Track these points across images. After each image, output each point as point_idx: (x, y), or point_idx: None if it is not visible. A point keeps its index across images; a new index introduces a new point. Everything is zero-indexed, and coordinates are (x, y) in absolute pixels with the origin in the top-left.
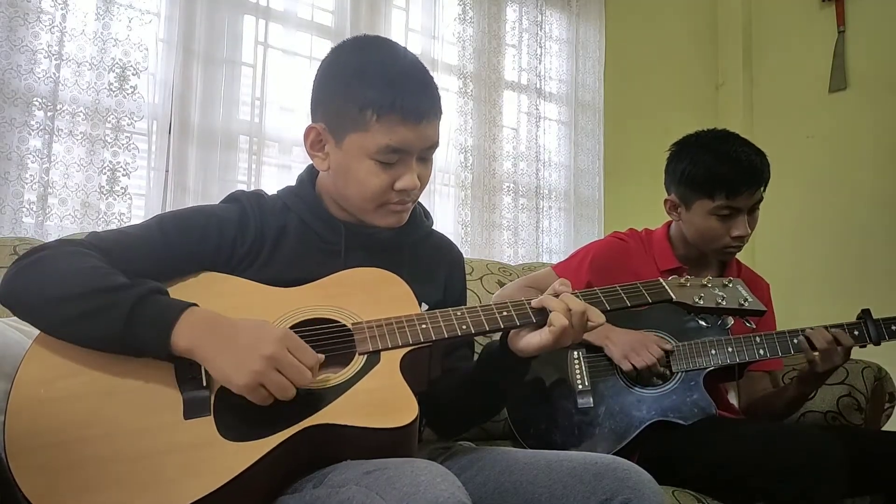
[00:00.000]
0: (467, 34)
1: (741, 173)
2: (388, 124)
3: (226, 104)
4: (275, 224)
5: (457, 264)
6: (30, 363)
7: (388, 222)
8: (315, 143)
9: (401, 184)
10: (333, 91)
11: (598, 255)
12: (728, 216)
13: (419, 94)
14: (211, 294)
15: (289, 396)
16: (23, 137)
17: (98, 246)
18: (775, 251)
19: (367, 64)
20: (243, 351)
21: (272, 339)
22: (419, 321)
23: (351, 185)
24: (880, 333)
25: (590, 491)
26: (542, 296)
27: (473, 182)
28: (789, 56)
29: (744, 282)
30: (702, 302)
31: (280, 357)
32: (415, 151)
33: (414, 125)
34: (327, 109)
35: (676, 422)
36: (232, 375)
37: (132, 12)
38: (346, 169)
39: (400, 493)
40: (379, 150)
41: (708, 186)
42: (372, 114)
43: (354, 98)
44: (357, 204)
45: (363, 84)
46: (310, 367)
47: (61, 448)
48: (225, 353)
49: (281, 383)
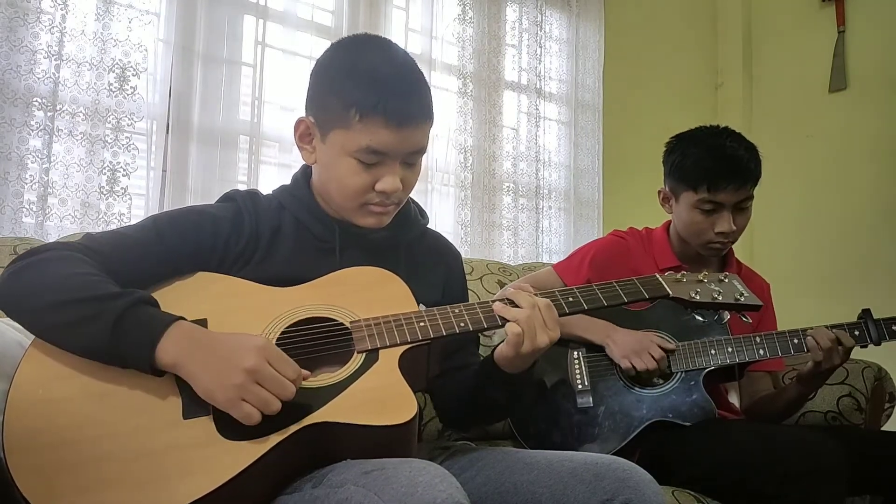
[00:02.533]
0: (467, 34)
1: (723, 167)
2: (371, 126)
3: (226, 104)
4: (270, 223)
5: (455, 264)
6: (28, 364)
7: (368, 222)
8: (304, 135)
9: (381, 185)
10: (323, 86)
11: (598, 253)
12: (711, 211)
13: (407, 97)
14: (208, 295)
15: (273, 410)
16: (23, 137)
17: (93, 248)
18: (774, 250)
19: (358, 63)
20: (223, 365)
21: (251, 351)
22: (417, 319)
23: (332, 181)
24: (881, 333)
25: (590, 491)
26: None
27: (473, 182)
28: (789, 56)
29: (743, 281)
30: (698, 297)
31: (260, 369)
32: (398, 155)
33: (397, 129)
34: (316, 104)
35: (676, 422)
36: (214, 391)
37: (132, 12)
38: (328, 165)
39: (398, 493)
40: (359, 149)
41: (692, 179)
42: (355, 113)
43: (341, 95)
44: (337, 201)
45: (351, 83)
46: (292, 380)
47: (60, 448)
48: (206, 369)
49: (263, 397)
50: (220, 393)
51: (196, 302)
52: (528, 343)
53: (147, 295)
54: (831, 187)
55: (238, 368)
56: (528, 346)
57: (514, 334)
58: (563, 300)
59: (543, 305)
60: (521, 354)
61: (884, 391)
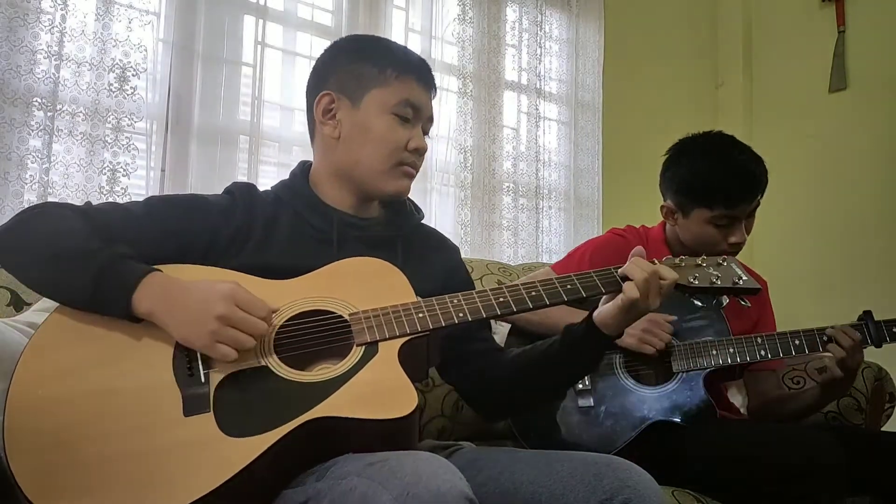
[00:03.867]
0: (467, 34)
1: (740, 185)
2: (406, 82)
3: (225, 104)
4: (264, 212)
5: (454, 256)
6: (27, 362)
7: (399, 185)
8: (326, 111)
9: (414, 143)
10: (352, 57)
11: (597, 250)
12: (726, 225)
13: (427, 68)
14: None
15: (248, 346)
16: (23, 137)
17: (86, 211)
18: (775, 251)
19: (381, 40)
20: (195, 313)
21: (219, 298)
22: (416, 310)
23: (368, 143)
24: (881, 335)
25: (590, 491)
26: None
27: (473, 182)
28: (789, 56)
29: None
30: (697, 282)
31: (230, 314)
32: (424, 115)
33: (426, 89)
34: (343, 75)
35: (677, 422)
36: (190, 337)
37: (132, 13)
38: (363, 128)
39: (402, 483)
40: (399, 102)
41: (707, 197)
42: (392, 72)
43: (374, 60)
44: (372, 165)
45: (382, 50)
46: (262, 318)
47: (61, 448)
48: (180, 317)
49: (237, 338)
50: (196, 339)
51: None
52: (642, 303)
53: (127, 250)
54: (831, 187)
55: (210, 315)
56: (643, 305)
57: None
58: (562, 288)
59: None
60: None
61: (884, 391)
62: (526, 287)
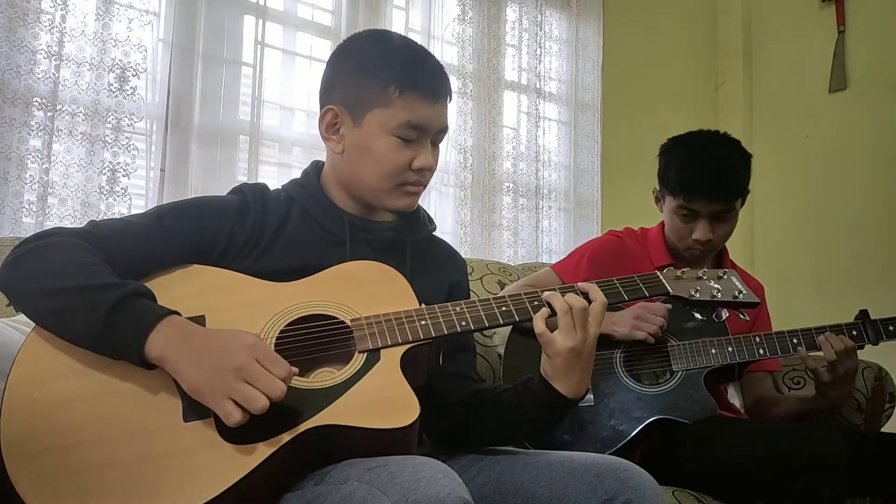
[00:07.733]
0: (467, 34)
1: (698, 180)
2: (410, 101)
3: (225, 104)
4: (277, 212)
5: (460, 271)
6: (23, 363)
7: (403, 203)
8: (330, 125)
9: (418, 162)
10: (354, 71)
11: (595, 252)
12: (688, 217)
13: (436, 74)
14: (207, 290)
15: (259, 408)
16: (22, 137)
17: (95, 234)
18: (774, 250)
19: (387, 46)
20: (211, 363)
21: (240, 350)
22: (419, 317)
23: (369, 163)
24: (878, 334)
25: (591, 491)
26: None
27: (473, 182)
28: (789, 56)
29: None
30: (698, 295)
31: (248, 368)
32: (431, 131)
33: (433, 102)
34: (346, 90)
35: (677, 420)
36: (200, 388)
37: (132, 13)
38: (364, 148)
39: (401, 488)
40: (400, 125)
41: (672, 185)
42: (394, 90)
43: (377, 76)
44: (373, 184)
45: (385, 64)
46: (282, 379)
47: (59, 452)
48: (193, 366)
49: (250, 395)
50: (206, 390)
51: (195, 297)
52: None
53: (143, 287)
54: (831, 187)
55: (226, 367)
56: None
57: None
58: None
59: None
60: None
61: (884, 391)
62: (528, 297)
